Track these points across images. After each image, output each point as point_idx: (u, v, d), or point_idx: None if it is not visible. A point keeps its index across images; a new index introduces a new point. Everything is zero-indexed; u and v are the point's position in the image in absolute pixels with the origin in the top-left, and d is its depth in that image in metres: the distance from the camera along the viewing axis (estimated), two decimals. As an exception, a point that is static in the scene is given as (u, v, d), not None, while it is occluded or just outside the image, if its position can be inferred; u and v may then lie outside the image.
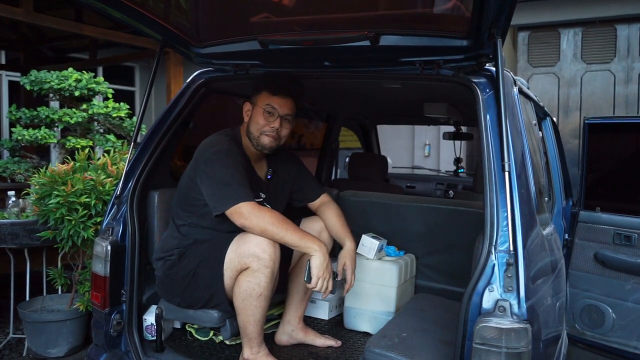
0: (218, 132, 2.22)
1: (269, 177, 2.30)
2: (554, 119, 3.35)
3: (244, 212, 1.91)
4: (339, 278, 2.18)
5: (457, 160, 4.72)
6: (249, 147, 2.21)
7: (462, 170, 4.75)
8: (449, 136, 4.51)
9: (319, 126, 4.15)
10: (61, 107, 3.72)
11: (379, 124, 4.72)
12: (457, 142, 4.68)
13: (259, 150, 2.19)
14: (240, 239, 1.98)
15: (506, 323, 1.45)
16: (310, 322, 2.56)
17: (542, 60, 7.14)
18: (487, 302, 1.51)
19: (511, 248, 1.53)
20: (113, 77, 5.57)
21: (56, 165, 3.31)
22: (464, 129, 4.73)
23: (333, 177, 4.27)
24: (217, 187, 1.98)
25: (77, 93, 3.43)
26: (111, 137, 3.65)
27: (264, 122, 2.13)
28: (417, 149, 8.19)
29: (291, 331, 2.33)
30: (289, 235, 1.93)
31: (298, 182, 2.40)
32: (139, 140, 2.30)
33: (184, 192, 2.16)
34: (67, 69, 3.71)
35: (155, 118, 2.38)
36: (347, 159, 4.46)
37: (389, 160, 4.15)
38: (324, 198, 2.40)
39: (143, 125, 2.53)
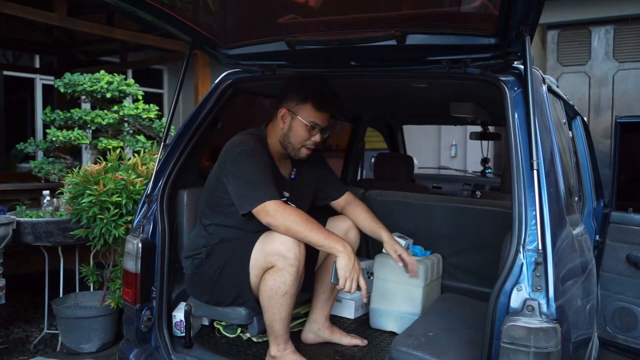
0: (243, 132, 2.25)
1: (292, 176, 2.32)
2: (585, 118, 3.29)
3: (270, 210, 1.93)
4: (399, 264, 2.24)
5: (485, 161, 4.66)
6: (276, 148, 2.24)
7: (489, 170, 4.70)
8: (476, 136, 4.46)
9: (344, 127, 4.16)
10: (93, 108, 3.82)
11: (405, 124, 4.70)
12: (484, 142, 4.62)
13: (295, 158, 2.23)
14: (265, 238, 2.00)
15: (535, 322, 1.44)
16: (335, 321, 2.57)
17: (572, 59, 7.01)
18: (515, 301, 1.50)
19: (540, 247, 1.51)
20: (142, 80, 5.68)
21: (88, 165, 3.40)
22: (491, 128, 4.67)
23: (359, 178, 4.27)
24: (243, 186, 2.01)
25: (108, 95, 3.53)
26: (141, 137, 3.73)
27: (307, 136, 2.16)
28: (443, 149, 8.12)
29: (317, 330, 2.34)
30: (314, 234, 1.93)
31: (322, 181, 2.42)
32: (168, 140, 2.34)
33: (210, 191, 2.20)
34: (98, 72, 3.82)
35: (185, 119, 2.43)
36: (372, 160, 4.46)
37: (415, 160, 4.13)
38: (348, 197, 2.41)
39: (172, 126, 2.58)
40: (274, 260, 1.94)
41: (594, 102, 6.90)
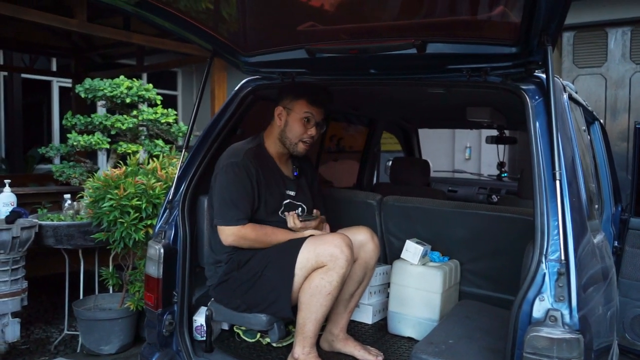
0: (242, 141, 2.32)
1: (295, 174, 2.39)
2: (601, 120, 3.27)
3: (228, 235, 2.12)
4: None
5: (500, 165, 4.64)
6: (275, 148, 2.31)
7: (505, 174, 4.68)
8: (491, 140, 4.45)
9: (358, 129, 4.18)
10: (111, 113, 3.88)
11: (421, 127, 4.70)
12: (500, 146, 4.61)
13: (293, 153, 2.31)
14: (316, 240, 2.07)
15: (557, 333, 1.44)
16: (353, 326, 2.58)
17: (588, 60, 6.94)
18: (538, 311, 1.50)
19: (562, 257, 1.52)
20: (156, 82, 5.74)
21: (108, 169, 3.45)
22: (506, 132, 4.65)
23: (375, 181, 4.28)
24: (217, 201, 2.16)
25: (128, 100, 3.58)
26: (159, 142, 3.78)
27: (303, 130, 2.25)
28: (457, 151, 8.09)
29: (331, 341, 2.34)
30: (278, 236, 2.16)
31: (316, 187, 2.51)
32: (184, 144, 2.38)
33: None
34: (118, 77, 3.87)
35: (205, 125, 2.46)
36: (388, 163, 4.47)
37: (429, 164, 4.13)
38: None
39: (192, 129, 2.61)
40: (326, 260, 2.00)
41: (611, 105, 6.83)
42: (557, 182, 1.58)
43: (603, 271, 1.89)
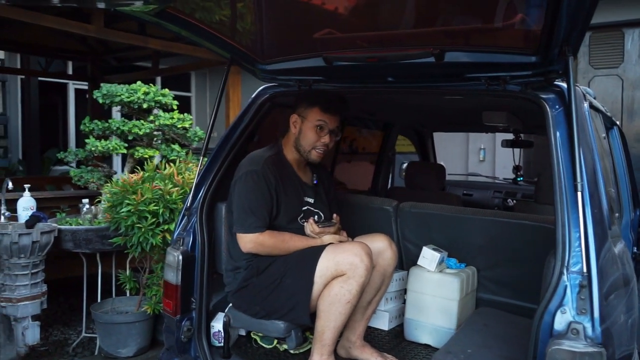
0: (261, 149, 2.34)
1: (315, 182, 2.39)
2: (618, 122, 3.24)
3: (246, 242, 2.14)
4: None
5: (516, 168, 4.61)
6: (293, 156, 2.32)
7: (521, 178, 4.64)
8: (507, 144, 4.41)
9: (372, 132, 4.17)
10: (127, 117, 3.91)
11: (436, 131, 4.68)
12: (516, 150, 4.57)
13: (308, 160, 2.32)
14: (336, 248, 2.08)
15: (580, 347, 1.43)
16: (370, 332, 2.58)
17: (604, 61, 6.87)
18: (559, 323, 1.49)
19: (584, 269, 1.50)
20: (170, 84, 5.80)
21: (126, 174, 3.49)
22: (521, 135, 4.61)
23: (389, 185, 4.27)
24: (236, 208, 2.18)
25: (145, 105, 3.61)
26: (176, 146, 3.81)
27: (316, 138, 2.25)
28: (471, 153, 8.05)
29: (348, 347, 2.35)
30: (296, 243, 2.17)
31: (333, 194, 2.52)
32: (201, 150, 2.40)
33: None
34: (133, 80, 3.90)
35: (223, 132, 2.48)
36: (402, 165, 4.45)
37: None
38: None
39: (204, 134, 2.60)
40: (345, 268, 2.00)
41: (627, 106, 6.75)
42: (579, 193, 1.57)
43: (624, 279, 1.87)
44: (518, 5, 1.68)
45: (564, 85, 1.80)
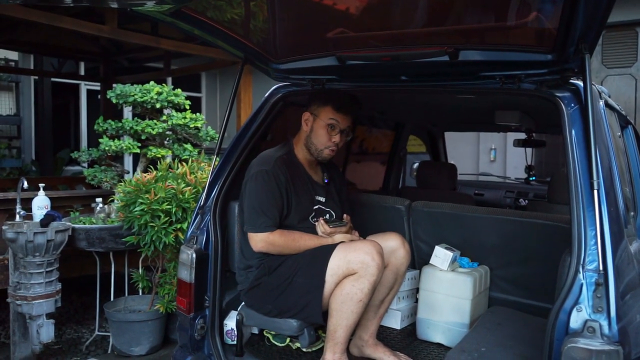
0: (272, 148, 2.35)
1: (326, 180, 2.40)
2: (632, 122, 3.21)
3: (257, 242, 2.15)
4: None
5: (529, 168, 4.59)
6: (304, 155, 2.33)
7: (533, 178, 4.61)
8: (519, 143, 4.40)
9: (383, 131, 4.17)
10: (140, 117, 3.95)
11: (447, 130, 4.67)
12: (529, 149, 4.55)
13: (319, 159, 2.33)
14: (348, 247, 2.08)
15: (596, 345, 1.42)
16: (382, 331, 2.58)
17: (617, 61, 6.82)
18: (575, 322, 1.49)
19: (600, 267, 1.49)
20: (181, 84, 5.82)
21: (139, 173, 3.51)
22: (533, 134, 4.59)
23: (400, 185, 4.26)
24: (247, 208, 2.19)
25: (158, 105, 3.64)
26: (188, 146, 3.83)
27: (327, 137, 2.26)
28: (482, 153, 8.02)
29: (361, 346, 2.35)
30: (306, 242, 2.17)
31: (344, 193, 2.52)
32: (212, 150, 2.41)
33: None
34: (145, 80, 3.93)
35: (236, 131, 2.49)
36: (413, 165, 4.45)
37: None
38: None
39: (216, 134, 2.62)
40: (356, 267, 2.01)
41: (641, 105, 6.70)
42: (595, 191, 1.56)
43: (640, 278, 1.86)
44: (533, 3, 1.68)
45: (579, 83, 1.79)
